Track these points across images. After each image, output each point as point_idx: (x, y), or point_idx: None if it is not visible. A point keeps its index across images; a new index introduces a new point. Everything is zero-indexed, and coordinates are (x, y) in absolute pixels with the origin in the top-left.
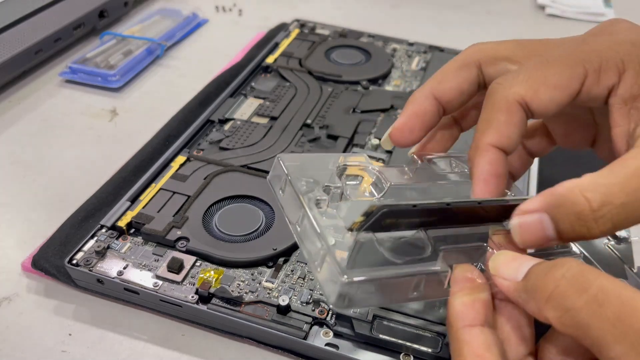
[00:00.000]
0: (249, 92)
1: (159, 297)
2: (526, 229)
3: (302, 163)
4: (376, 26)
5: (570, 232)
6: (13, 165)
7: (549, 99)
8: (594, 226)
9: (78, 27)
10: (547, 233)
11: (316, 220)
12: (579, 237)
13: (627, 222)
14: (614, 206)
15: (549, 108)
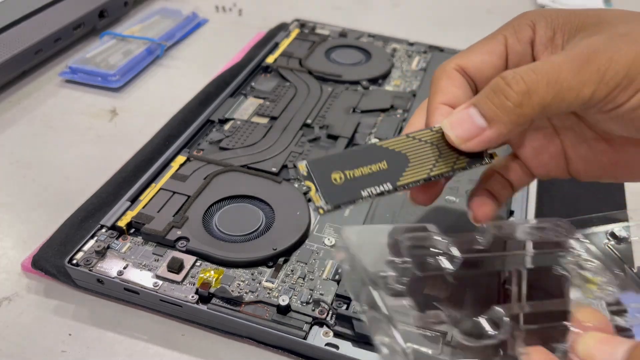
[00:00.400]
0: (249, 92)
1: (159, 297)
2: (455, 121)
3: (365, 234)
4: (376, 26)
5: (492, 108)
6: (13, 165)
7: (480, 61)
8: (508, 90)
9: (78, 27)
10: (475, 120)
11: (384, 303)
12: (504, 109)
13: (543, 85)
14: (523, 70)
15: (482, 69)
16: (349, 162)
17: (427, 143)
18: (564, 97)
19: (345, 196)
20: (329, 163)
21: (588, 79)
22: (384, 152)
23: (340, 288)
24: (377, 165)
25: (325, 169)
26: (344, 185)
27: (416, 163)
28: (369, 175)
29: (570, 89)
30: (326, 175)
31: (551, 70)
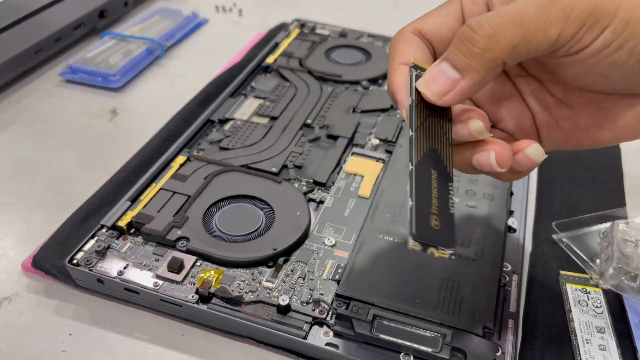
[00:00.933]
0: (249, 92)
1: (159, 296)
2: (428, 80)
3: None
4: (376, 26)
5: (461, 57)
6: (13, 165)
7: (436, 23)
8: (474, 36)
9: (78, 27)
10: (447, 73)
11: None
12: (473, 56)
13: (509, 27)
14: (487, 15)
15: (439, 31)
16: (425, 201)
17: (425, 121)
18: (532, 37)
19: (450, 227)
20: (422, 219)
21: (554, 18)
22: (424, 164)
23: (340, 288)
24: (433, 180)
25: (426, 226)
26: (441, 221)
27: (439, 145)
28: (438, 193)
29: (537, 28)
30: (430, 229)
31: (516, 12)
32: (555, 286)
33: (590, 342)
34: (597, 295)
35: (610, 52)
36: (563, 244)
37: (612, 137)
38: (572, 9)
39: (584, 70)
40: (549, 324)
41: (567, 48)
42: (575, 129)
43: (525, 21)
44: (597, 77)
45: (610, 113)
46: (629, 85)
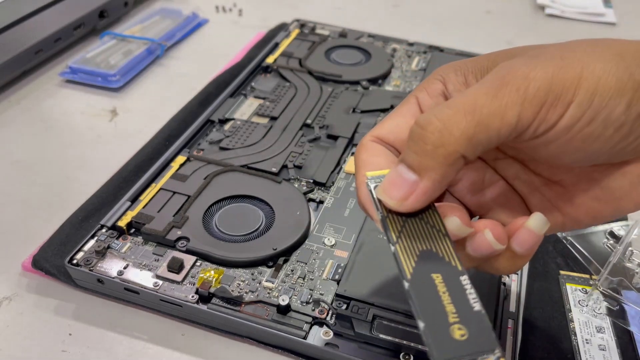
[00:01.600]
0: (249, 92)
1: (159, 296)
2: (386, 185)
3: None
4: (376, 26)
5: (415, 157)
6: (13, 165)
7: (394, 125)
8: (424, 133)
9: (78, 27)
10: (404, 175)
11: None
12: (428, 155)
13: (460, 117)
14: (436, 110)
15: (398, 132)
16: (437, 316)
17: (405, 223)
18: (488, 124)
19: (482, 326)
20: (441, 338)
21: (509, 101)
22: (420, 274)
23: (340, 288)
24: (440, 284)
25: (449, 344)
26: (467, 326)
27: (433, 242)
28: (451, 295)
29: (492, 114)
30: (455, 345)
31: (466, 100)
32: (555, 286)
33: (590, 342)
34: (597, 295)
35: (582, 126)
36: (567, 242)
37: (613, 210)
38: (527, 88)
39: (560, 149)
40: (549, 324)
41: (533, 130)
42: (572, 207)
43: (477, 108)
44: (576, 154)
45: (603, 184)
46: (613, 155)
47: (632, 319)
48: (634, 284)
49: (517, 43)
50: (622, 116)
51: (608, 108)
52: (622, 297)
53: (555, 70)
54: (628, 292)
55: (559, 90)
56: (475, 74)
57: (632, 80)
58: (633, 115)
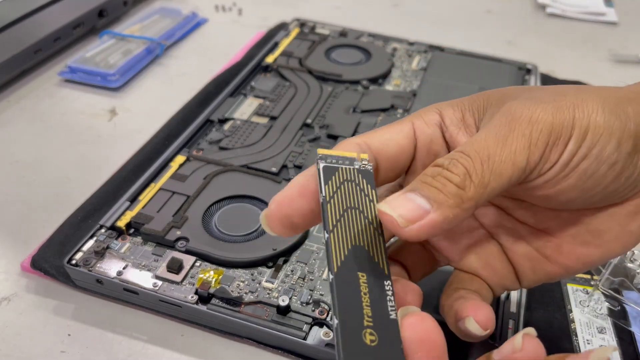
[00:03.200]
0: (249, 92)
1: (159, 297)
2: (396, 204)
3: None
4: (376, 25)
5: (434, 190)
6: (12, 165)
7: (386, 138)
8: (448, 173)
9: (77, 27)
10: (418, 202)
11: None
12: (447, 191)
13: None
14: (455, 154)
15: (388, 145)
16: (354, 316)
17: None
18: (501, 171)
19: (392, 337)
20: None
21: (517, 147)
22: (346, 268)
23: None
24: (363, 285)
25: (357, 348)
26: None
27: (365, 240)
28: (372, 298)
29: (503, 161)
30: (366, 349)
31: (480, 148)
32: (556, 286)
33: (591, 342)
34: (598, 295)
35: (578, 161)
36: None
37: (602, 254)
38: (531, 132)
39: (556, 187)
40: (550, 325)
41: (538, 170)
42: (561, 255)
43: (491, 156)
44: (571, 192)
45: (591, 228)
46: (605, 196)
47: (634, 320)
48: (635, 284)
49: (517, 42)
50: (614, 154)
51: (600, 145)
52: (624, 297)
53: (554, 112)
54: (629, 293)
55: (559, 130)
56: (472, 112)
57: (619, 121)
58: (623, 153)
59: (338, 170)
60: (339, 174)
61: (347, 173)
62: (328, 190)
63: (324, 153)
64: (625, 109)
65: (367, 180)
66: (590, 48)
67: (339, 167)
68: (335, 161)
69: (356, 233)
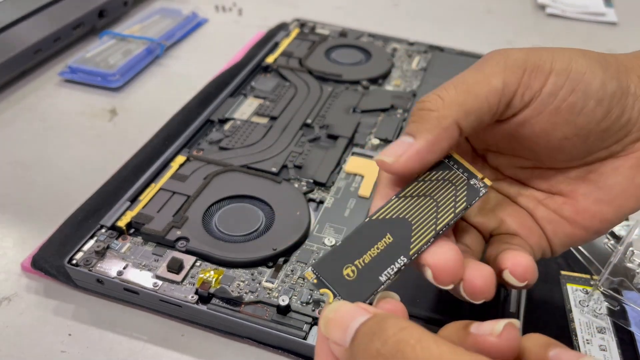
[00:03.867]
0: (249, 92)
1: (159, 297)
2: (385, 150)
3: None
4: (376, 26)
5: (411, 124)
6: (12, 165)
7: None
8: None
9: (77, 27)
10: (403, 139)
11: None
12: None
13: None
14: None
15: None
16: (354, 250)
17: (420, 197)
18: (477, 92)
19: (365, 289)
20: (334, 260)
21: (491, 71)
22: (382, 224)
23: None
24: (382, 242)
25: (333, 268)
26: (359, 278)
27: (419, 223)
28: (379, 255)
29: (478, 82)
30: (337, 274)
31: (456, 78)
32: (556, 286)
33: (590, 342)
34: (597, 295)
35: (566, 95)
36: None
37: (616, 211)
38: (506, 60)
39: (550, 122)
40: (550, 324)
41: (520, 96)
42: (577, 214)
43: (465, 80)
44: (565, 127)
45: (600, 184)
46: (601, 135)
47: (633, 320)
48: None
49: (517, 42)
50: (600, 91)
51: (585, 81)
52: (623, 297)
53: (530, 52)
54: (629, 293)
55: (536, 62)
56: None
57: (599, 65)
58: (609, 92)
59: (451, 171)
60: (450, 174)
61: (456, 178)
62: (429, 174)
63: (456, 157)
64: (605, 58)
65: (468, 196)
66: (589, 48)
67: (453, 170)
68: (457, 166)
69: (417, 214)
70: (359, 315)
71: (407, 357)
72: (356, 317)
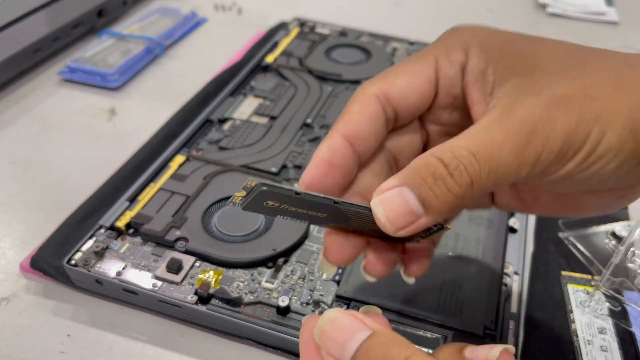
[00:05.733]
0: (249, 92)
1: (158, 297)
2: (388, 205)
3: None
4: (376, 25)
5: (432, 196)
6: (11, 165)
7: (406, 85)
8: (451, 182)
9: (77, 26)
10: (411, 206)
11: None
12: (445, 200)
13: (485, 174)
14: (464, 157)
15: (408, 95)
16: (297, 202)
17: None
18: (502, 180)
19: (261, 210)
20: (277, 195)
21: (525, 162)
22: (334, 208)
23: (340, 289)
24: (316, 213)
25: (268, 198)
26: (270, 207)
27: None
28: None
29: (509, 173)
30: (261, 201)
31: (492, 157)
32: (556, 287)
33: (591, 343)
34: (598, 296)
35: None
36: (568, 242)
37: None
38: (543, 151)
39: (551, 186)
40: (551, 325)
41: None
42: (537, 206)
43: (500, 167)
44: (565, 187)
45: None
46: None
47: (634, 320)
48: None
49: None
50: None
51: (603, 161)
52: (624, 298)
53: (575, 125)
54: (630, 293)
55: (570, 145)
56: (496, 70)
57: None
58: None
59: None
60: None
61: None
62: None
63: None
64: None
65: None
66: None
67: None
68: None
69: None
70: (359, 331)
71: None
72: (355, 333)
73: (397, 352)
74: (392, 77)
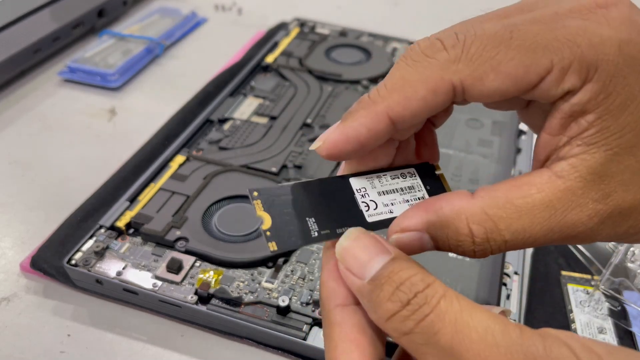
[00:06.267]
0: (249, 92)
1: (158, 297)
2: (404, 246)
3: None
4: (376, 25)
5: (447, 249)
6: (11, 165)
7: (495, 88)
8: (471, 254)
9: (77, 26)
10: (425, 247)
11: None
12: (455, 252)
13: (502, 251)
14: (495, 242)
15: (489, 98)
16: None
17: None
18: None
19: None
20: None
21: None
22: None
23: None
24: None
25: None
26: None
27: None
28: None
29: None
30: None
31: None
32: (556, 287)
33: None
34: (598, 295)
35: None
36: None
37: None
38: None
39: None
40: (550, 325)
41: None
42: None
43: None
44: None
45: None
46: None
47: (634, 320)
48: (636, 284)
49: None
50: None
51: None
52: (624, 297)
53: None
54: (630, 293)
55: None
56: (607, 128)
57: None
58: None
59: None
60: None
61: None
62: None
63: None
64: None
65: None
66: None
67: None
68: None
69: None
70: (382, 253)
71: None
72: (379, 254)
73: (420, 279)
74: (487, 68)
